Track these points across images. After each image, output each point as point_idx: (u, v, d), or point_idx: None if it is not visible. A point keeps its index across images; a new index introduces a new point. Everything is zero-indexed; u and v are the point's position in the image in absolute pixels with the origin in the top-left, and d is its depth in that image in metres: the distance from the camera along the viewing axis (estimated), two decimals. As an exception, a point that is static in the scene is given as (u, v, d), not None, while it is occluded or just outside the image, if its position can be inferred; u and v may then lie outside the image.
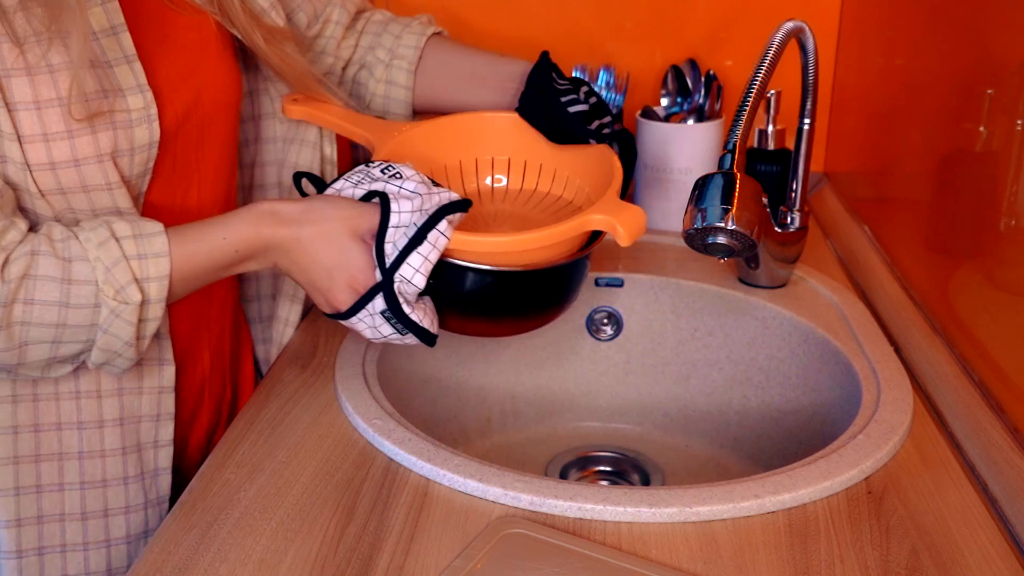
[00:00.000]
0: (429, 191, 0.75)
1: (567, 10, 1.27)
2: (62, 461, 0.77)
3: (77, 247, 0.69)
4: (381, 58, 0.98)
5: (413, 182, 0.76)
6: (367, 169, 0.79)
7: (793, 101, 0.92)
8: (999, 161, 0.74)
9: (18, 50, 0.69)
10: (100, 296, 0.69)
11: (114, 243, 0.70)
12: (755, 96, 0.77)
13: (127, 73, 0.74)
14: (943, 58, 0.90)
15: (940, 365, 0.80)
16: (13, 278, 0.67)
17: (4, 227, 0.68)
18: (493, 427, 1.02)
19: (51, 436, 0.77)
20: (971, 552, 0.61)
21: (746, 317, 0.98)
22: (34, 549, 0.77)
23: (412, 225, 0.73)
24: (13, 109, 0.69)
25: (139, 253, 0.70)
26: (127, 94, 0.74)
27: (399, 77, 0.98)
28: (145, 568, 0.61)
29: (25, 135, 0.69)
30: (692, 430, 1.03)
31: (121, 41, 0.74)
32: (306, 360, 0.87)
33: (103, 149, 0.72)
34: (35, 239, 0.69)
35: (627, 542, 0.63)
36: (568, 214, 0.86)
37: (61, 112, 0.70)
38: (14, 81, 0.69)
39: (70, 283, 0.68)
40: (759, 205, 0.76)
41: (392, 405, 0.79)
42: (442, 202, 0.74)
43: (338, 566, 0.61)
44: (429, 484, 0.69)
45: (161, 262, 0.70)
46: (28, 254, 0.68)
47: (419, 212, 0.73)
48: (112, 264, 0.69)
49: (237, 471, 0.71)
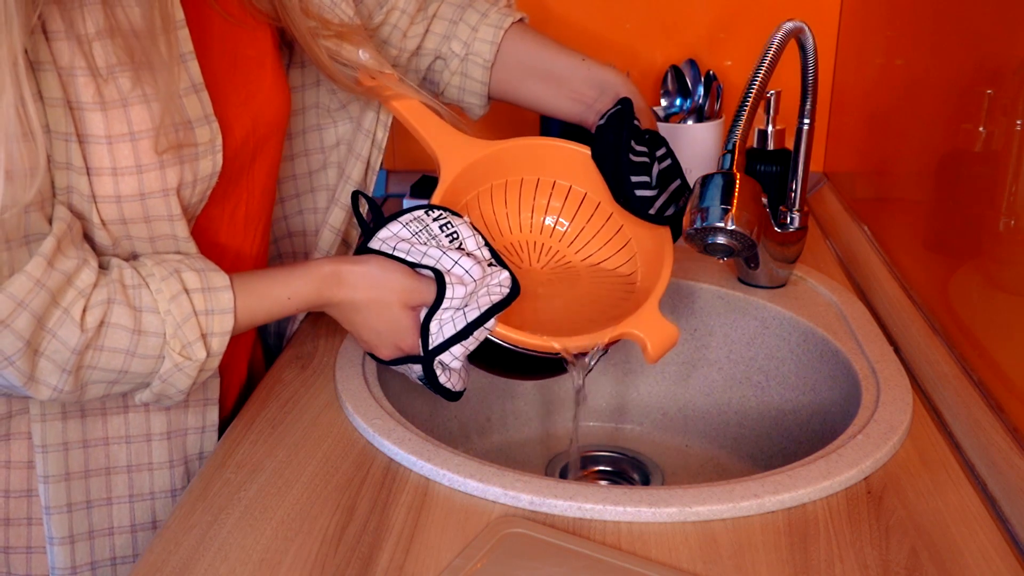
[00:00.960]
0: (484, 273, 0.76)
1: (567, 10, 1.28)
2: (110, 475, 0.78)
3: (148, 298, 0.69)
4: (456, 51, 0.94)
5: (470, 260, 0.76)
6: (426, 221, 0.79)
7: (793, 101, 0.92)
8: (999, 161, 0.74)
9: (95, 84, 0.66)
10: (166, 349, 0.70)
11: (185, 297, 0.70)
12: (755, 96, 0.77)
13: (195, 103, 0.72)
14: (943, 58, 0.90)
15: (940, 365, 0.80)
16: (91, 328, 0.67)
17: (77, 266, 0.67)
18: (493, 427, 1.02)
19: (99, 451, 0.77)
20: (970, 552, 0.61)
21: (746, 317, 0.98)
22: (87, 564, 0.78)
23: (461, 311, 0.76)
24: (85, 142, 0.67)
25: (207, 308, 0.71)
26: (195, 126, 0.71)
27: (475, 72, 0.95)
28: (146, 568, 0.61)
29: (94, 168, 0.67)
30: (692, 430, 1.03)
31: (190, 69, 0.71)
32: (306, 360, 0.87)
33: (169, 184, 0.70)
34: (111, 286, 0.68)
35: (627, 542, 0.63)
36: (611, 288, 0.88)
37: (132, 147, 0.68)
38: (87, 115, 0.66)
39: (140, 334, 0.69)
40: (759, 205, 0.76)
41: (392, 405, 0.79)
42: (493, 300, 0.77)
43: (338, 566, 0.61)
44: (429, 484, 0.69)
45: (226, 319, 0.72)
46: (105, 302, 0.67)
47: (471, 296, 0.76)
48: (183, 321, 0.70)
49: (237, 471, 0.71)
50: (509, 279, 0.78)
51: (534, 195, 0.91)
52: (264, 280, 0.76)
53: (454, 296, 0.75)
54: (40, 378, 0.67)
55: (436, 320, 0.76)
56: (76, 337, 0.66)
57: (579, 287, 0.89)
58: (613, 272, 0.89)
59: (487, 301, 0.77)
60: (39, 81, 0.64)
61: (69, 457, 0.76)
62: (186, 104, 0.71)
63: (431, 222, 0.79)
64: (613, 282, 0.89)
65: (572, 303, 0.88)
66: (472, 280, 0.75)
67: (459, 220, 0.79)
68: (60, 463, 0.75)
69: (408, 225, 0.79)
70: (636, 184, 0.84)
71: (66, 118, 0.66)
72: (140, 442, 0.78)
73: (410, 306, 0.77)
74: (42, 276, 0.64)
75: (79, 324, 0.66)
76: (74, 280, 0.67)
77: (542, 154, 0.90)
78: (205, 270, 0.72)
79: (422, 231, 0.78)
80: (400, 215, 0.79)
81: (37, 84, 0.64)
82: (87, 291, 0.67)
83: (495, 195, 0.90)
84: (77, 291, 0.67)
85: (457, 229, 0.79)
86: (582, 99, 0.92)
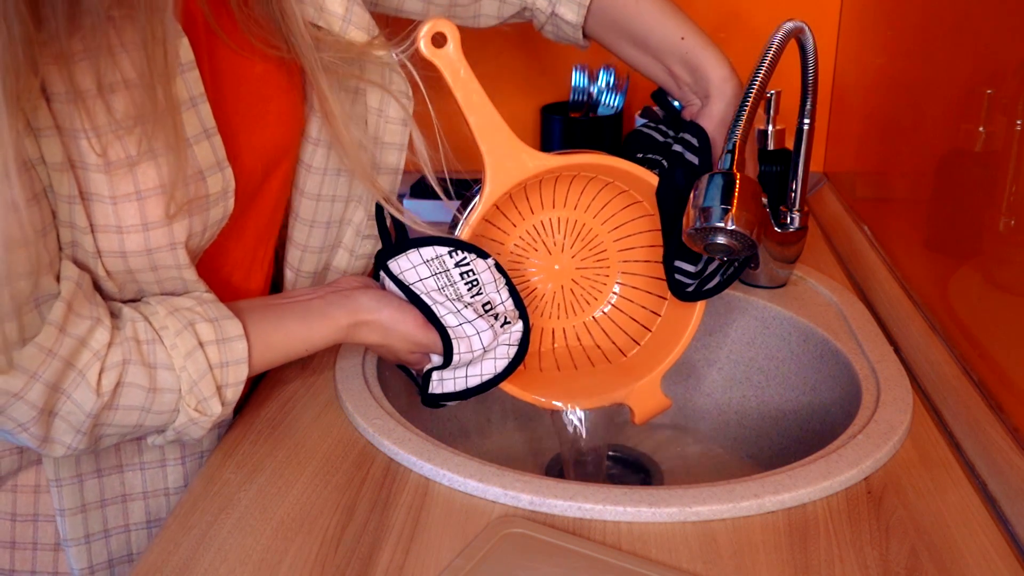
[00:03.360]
0: (494, 337, 0.76)
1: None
2: (126, 503, 0.78)
3: (163, 354, 0.67)
4: (542, 8, 0.90)
5: (484, 323, 0.75)
6: (448, 265, 0.76)
7: (793, 101, 0.92)
8: (999, 161, 0.74)
9: (99, 144, 0.62)
10: (181, 403, 0.68)
11: (200, 353, 0.68)
12: (755, 96, 0.77)
13: (207, 150, 0.68)
14: (943, 58, 0.90)
15: (940, 365, 0.80)
16: (107, 391, 0.65)
17: (90, 327, 0.65)
18: (493, 427, 1.02)
19: (114, 479, 0.77)
20: (970, 552, 0.61)
21: (746, 317, 0.98)
22: None
23: (464, 367, 0.77)
24: (88, 200, 0.64)
25: (222, 361, 0.69)
26: (207, 175, 0.68)
27: (566, 30, 0.91)
28: (145, 568, 0.61)
29: (98, 225, 0.64)
30: (692, 430, 1.03)
31: (200, 113, 0.67)
32: (306, 360, 0.87)
33: (177, 238, 0.67)
34: (125, 345, 0.66)
35: (627, 542, 0.63)
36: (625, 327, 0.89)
37: (138, 207, 0.64)
38: (91, 175, 0.63)
39: (155, 392, 0.67)
40: (759, 205, 0.76)
41: (392, 405, 0.79)
42: (498, 369, 0.78)
43: (338, 566, 0.61)
44: (429, 484, 0.69)
45: (240, 369, 0.70)
46: (120, 363, 0.65)
47: (478, 360, 0.77)
48: (199, 378, 0.68)
49: (237, 471, 0.71)
50: (520, 335, 0.78)
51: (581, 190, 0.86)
52: (280, 330, 0.74)
53: (459, 363, 0.76)
54: (55, 438, 0.66)
55: (438, 375, 0.77)
56: (92, 401, 0.65)
57: (593, 331, 0.89)
58: (635, 306, 0.88)
59: (491, 368, 0.78)
60: (41, 147, 0.61)
61: (84, 488, 0.75)
62: (197, 153, 0.67)
63: (452, 268, 0.76)
64: (628, 323, 0.89)
65: (579, 345, 0.89)
66: (481, 347, 0.75)
67: (483, 265, 0.77)
68: (76, 495, 0.75)
69: (429, 263, 0.76)
70: (679, 269, 0.82)
71: (69, 181, 0.63)
72: (155, 468, 0.78)
73: (419, 351, 0.77)
74: (54, 345, 0.63)
75: (95, 389, 0.65)
76: (88, 341, 0.65)
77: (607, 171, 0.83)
78: (219, 319, 0.70)
79: (441, 275, 0.76)
80: (422, 243, 0.76)
81: (40, 150, 0.61)
82: (102, 352, 0.65)
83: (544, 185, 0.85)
84: (92, 352, 0.65)
85: (479, 277, 0.76)
86: (676, 78, 0.86)
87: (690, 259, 0.81)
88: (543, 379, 0.86)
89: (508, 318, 0.77)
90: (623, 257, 0.88)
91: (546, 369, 0.87)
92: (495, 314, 0.77)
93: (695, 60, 0.84)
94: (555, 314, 0.88)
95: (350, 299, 0.76)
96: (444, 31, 0.73)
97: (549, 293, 0.87)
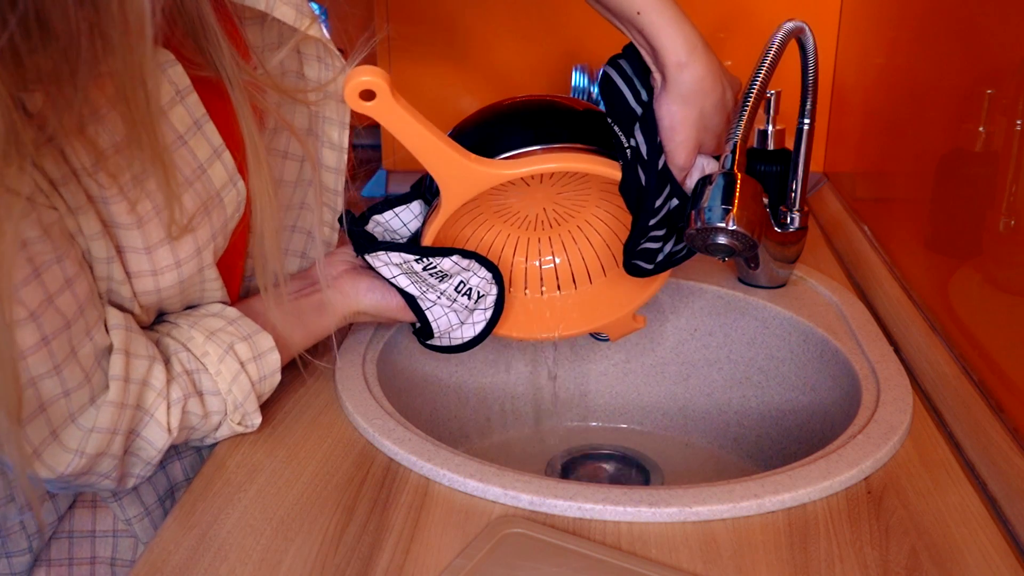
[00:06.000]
0: (470, 313, 0.85)
1: (567, 9, 1.27)
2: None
3: (209, 382, 0.71)
4: None
5: (458, 303, 0.83)
6: (415, 270, 0.81)
7: (793, 101, 0.92)
8: (999, 161, 0.74)
9: (126, 203, 0.63)
10: (225, 419, 0.73)
11: (244, 376, 0.72)
12: (755, 96, 0.77)
13: (219, 169, 0.69)
14: (943, 58, 0.90)
15: (940, 365, 0.80)
16: (176, 428, 0.69)
17: (148, 367, 0.67)
18: (493, 427, 1.02)
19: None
20: (971, 552, 0.61)
21: (746, 317, 0.98)
22: None
23: (447, 335, 0.86)
24: (123, 252, 0.66)
25: (260, 376, 0.74)
26: (223, 195, 0.69)
27: None
28: (145, 568, 0.61)
29: (133, 272, 0.67)
30: (692, 430, 1.03)
31: (207, 134, 0.68)
32: (306, 360, 0.87)
33: (206, 262, 0.70)
34: (179, 380, 0.69)
35: (627, 542, 0.63)
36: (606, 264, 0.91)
37: (170, 249, 0.67)
38: (123, 232, 0.65)
39: (207, 416, 0.72)
40: (760, 205, 0.76)
41: (392, 405, 0.79)
42: (477, 331, 0.86)
43: (338, 566, 0.61)
44: (429, 484, 0.69)
45: (274, 379, 0.76)
46: (181, 399, 0.69)
47: (456, 326, 0.85)
48: (244, 399, 0.73)
49: (237, 471, 0.71)
50: (494, 298, 0.84)
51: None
52: (298, 330, 0.79)
53: (440, 334, 0.85)
54: (130, 472, 0.69)
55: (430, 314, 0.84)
56: (164, 439, 0.69)
57: (571, 254, 0.91)
58: (611, 231, 0.89)
59: (471, 332, 0.86)
60: (80, 223, 0.62)
61: (145, 525, 0.78)
62: (212, 175, 0.68)
63: (421, 271, 0.81)
64: (613, 240, 0.89)
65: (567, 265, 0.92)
66: (458, 322, 0.84)
67: (449, 263, 0.80)
68: (147, 531, 0.78)
69: (400, 265, 0.81)
70: (641, 252, 0.82)
71: (107, 244, 0.64)
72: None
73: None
74: (124, 397, 0.65)
75: (165, 428, 0.68)
76: (150, 381, 0.68)
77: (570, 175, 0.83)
78: (251, 335, 0.74)
79: (412, 274, 0.81)
80: (391, 248, 0.79)
81: (77, 223, 0.62)
82: (164, 391, 0.68)
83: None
84: (156, 392, 0.68)
85: (447, 272, 0.81)
86: (641, 47, 0.78)
87: (648, 259, 0.83)
88: (528, 315, 0.90)
89: (482, 291, 0.83)
90: (601, 185, 0.85)
91: (532, 294, 0.91)
92: (467, 291, 0.83)
93: (651, 39, 0.75)
94: (537, 228, 0.89)
95: (350, 287, 0.82)
96: (371, 88, 0.68)
97: (532, 215, 0.88)
